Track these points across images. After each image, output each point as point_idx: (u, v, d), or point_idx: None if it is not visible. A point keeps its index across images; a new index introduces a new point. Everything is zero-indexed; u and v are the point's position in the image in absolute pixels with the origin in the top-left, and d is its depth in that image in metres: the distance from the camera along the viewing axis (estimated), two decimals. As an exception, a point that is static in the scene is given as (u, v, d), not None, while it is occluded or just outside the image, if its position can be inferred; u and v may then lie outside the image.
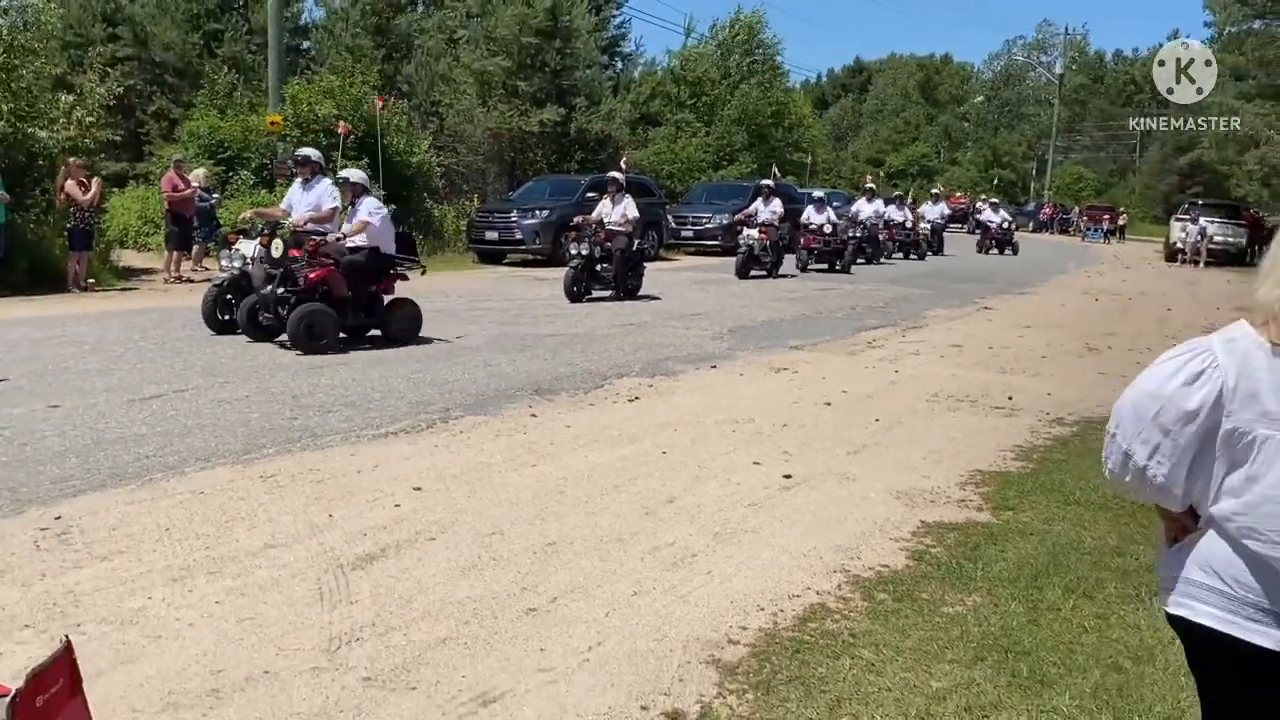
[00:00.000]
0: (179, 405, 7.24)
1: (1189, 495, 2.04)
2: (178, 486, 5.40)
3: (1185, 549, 2.07)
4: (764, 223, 20.45)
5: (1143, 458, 2.03)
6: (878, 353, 11.17)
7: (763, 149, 39.52)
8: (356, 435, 6.69)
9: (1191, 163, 55.83)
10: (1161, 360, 2.07)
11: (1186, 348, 2.05)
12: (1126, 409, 2.08)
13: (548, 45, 30.40)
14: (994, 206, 35.89)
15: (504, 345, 10.58)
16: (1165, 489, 2.03)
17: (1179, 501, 2.05)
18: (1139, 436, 2.04)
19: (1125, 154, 79.02)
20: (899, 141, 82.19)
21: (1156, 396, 2.01)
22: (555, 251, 20.37)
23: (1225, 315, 16.45)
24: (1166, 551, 2.14)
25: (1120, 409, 2.10)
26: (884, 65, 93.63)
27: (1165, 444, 2.00)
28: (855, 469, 6.28)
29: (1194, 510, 2.07)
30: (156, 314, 11.98)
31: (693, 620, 3.97)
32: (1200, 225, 32.54)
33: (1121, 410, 2.09)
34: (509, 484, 5.69)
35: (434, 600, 4.07)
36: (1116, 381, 9.75)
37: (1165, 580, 2.12)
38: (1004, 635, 3.87)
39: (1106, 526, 5.24)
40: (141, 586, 4.09)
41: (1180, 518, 2.09)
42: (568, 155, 30.73)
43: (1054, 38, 79.56)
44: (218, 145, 21.33)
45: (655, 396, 8.36)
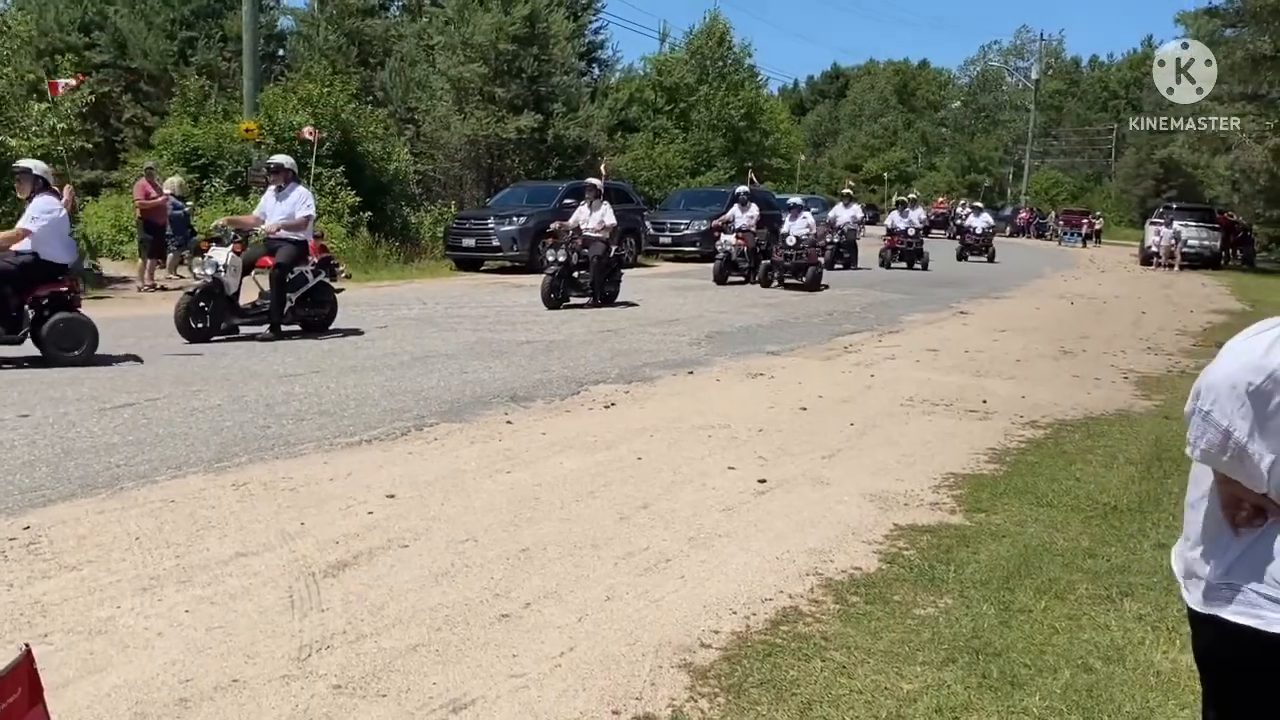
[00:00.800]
0: (150, 414, 7.19)
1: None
2: (148, 495, 5.36)
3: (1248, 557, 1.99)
4: (741, 229, 20.50)
5: (1244, 434, 1.92)
6: (854, 357, 11.21)
7: (740, 154, 39.65)
8: (330, 443, 6.66)
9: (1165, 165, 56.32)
10: (1247, 336, 1.98)
11: (1271, 323, 1.96)
12: (1223, 385, 1.96)
13: (525, 52, 30.38)
14: (976, 210, 34.94)
15: (480, 352, 10.56)
16: (1264, 469, 1.92)
17: (1271, 483, 1.94)
18: (1240, 412, 1.92)
19: (1101, 159, 79.70)
20: (876, 147, 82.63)
21: (1260, 369, 1.91)
22: (533, 258, 20.33)
23: (1199, 318, 16.67)
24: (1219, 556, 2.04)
25: (1214, 384, 1.97)
26: (861, 71, 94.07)
27: (1267, 420, 1.91)
28: (830, 473, 6.30)
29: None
30: (129, 322, 11.88)
31: (665, 624, 3.97)
32: (1174, 229, 32.80)
33: (1216, 386, 1.97)
34: (483, 491, 5.67)
35: (406, 607, 4.05)
36: (1090, 384, 9.85)
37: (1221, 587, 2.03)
38: (975, 637, 3.88)
39: (1078, 528, 5.27)
40: (110, 596, 4.05)
41: (1263, 500, 1.97)
42: (545, 162, 30.72)
43: (1030, 44, 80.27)
44: (192, 153, 21.23)
45: (631, 402, 8.36)
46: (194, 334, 10.39)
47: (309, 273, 11.28)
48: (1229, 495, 2.02)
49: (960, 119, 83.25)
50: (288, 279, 10.93)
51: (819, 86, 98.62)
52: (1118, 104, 79.71)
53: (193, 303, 10.46)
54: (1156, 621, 4.04)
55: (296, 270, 11.08)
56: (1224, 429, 1.95)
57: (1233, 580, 2.02)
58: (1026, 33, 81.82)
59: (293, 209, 11.04)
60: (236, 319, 10.88)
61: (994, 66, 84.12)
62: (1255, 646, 1.98)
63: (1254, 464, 1.94)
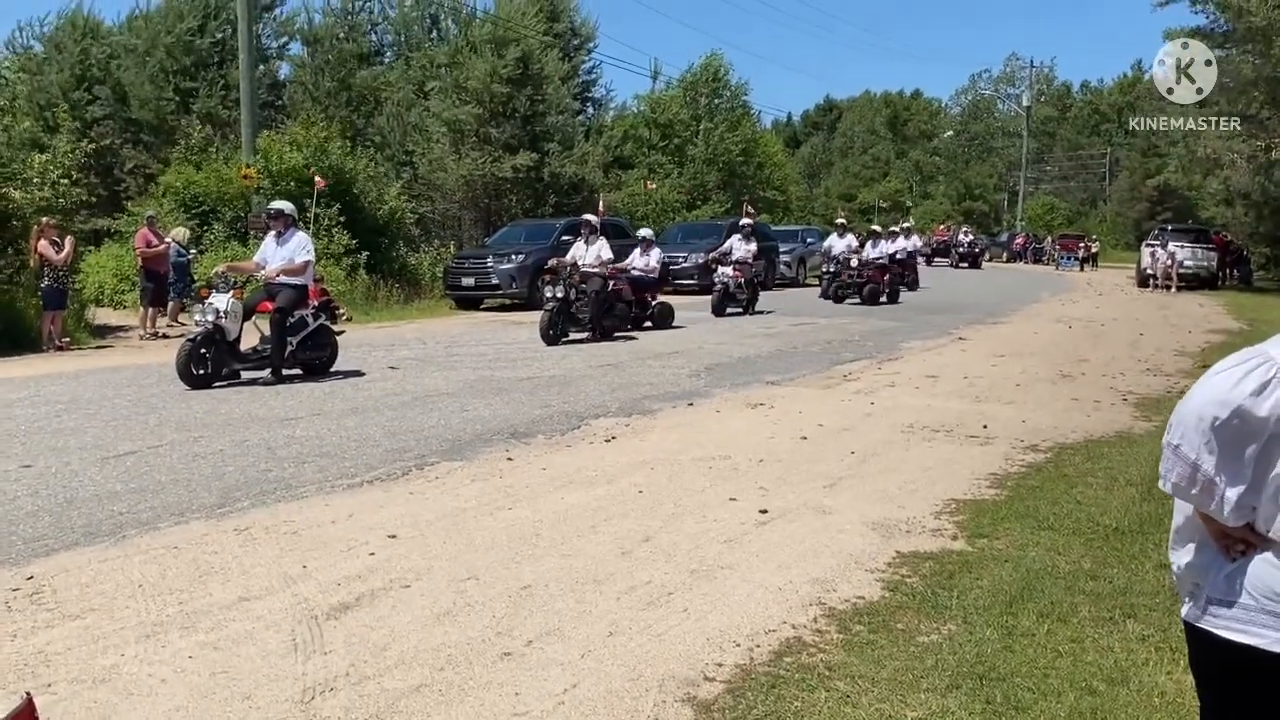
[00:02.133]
0: (153, 461, 7.21)
1: (1250, 510, 1.96)
2: (151, 542, 5.37)
3: (1240, 571, 2.01)
4: (738, 260, 20.59)
5: (1212, 468, 1.95)
6: (853, 386, 11.23)
7: (735, 188, 39.87)
8: (331, 485, 6.67)
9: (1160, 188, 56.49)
10: (1219, 370, 2.00)
11: (1244, 356, 1.98)
12: (1190, 419, 1.98)
13: (519, 93, 30.65)
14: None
15: (480, 390, 10.58)
16: (1233, 502, 1.96)
17: (1242, 517, 1.97)
18: (1206, 446, 1.95)
19: (1095, 183, 79.94)
20: (870, 177, 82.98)
21: (1225, 404, 1.93)
22: (532, 295, 20.42)
23: (1197, 339, 16.68)
24: (1213, 572, 2.06)
25: (1183, 419, 2.00)
26: (854, 103, 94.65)
27: (1234, 455, 1.93)
28: (831, 502, 6.30)
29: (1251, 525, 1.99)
30: (131, 371, 11.93)
31: (668, 659, 3.97)
32: (1170, 250, 32.89)
33: (1185, 420, 2.00)
34: (484, 528, 5.68)
35: (408, 648, 4.05)
36: (1089, 407, 9.86)
37: (1215, 602, 2.04)
38: (979, 662, 3.88)
39: (1080, 551, 5.27)
40: (114, 644, 4.06)
41: (1243, 533, 2.00)
42: (542, 200, 30.91)
43: (1021, 71, 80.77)
44: (193, 199, 21.37)
45: (632, 436, 8.37)
46: (196, 380, 10.42)
47: (309, 316, 11.33)
48: (1215, 529, 2.05)
49: (953, 148, 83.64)
50: (288, 323, 10.98)
51: (813, 119, 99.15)
52: (1109, 128, 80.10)
53: (194, 349, 10.49)
54: (1160, 642, 4.03)
55: (297, 314, 11.13)
56: (1191, 462, 1.98)
57: (1227, 596, 2.04)
58: (1016, 60, 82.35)
59: (292, 254, 11.11)
60: (238, 364, 10.92)
61: (985, 95, 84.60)
62: (1250, 662, 2.00)
63: (1222, 498, 1.96)
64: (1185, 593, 2.15)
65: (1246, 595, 2.01)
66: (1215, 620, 2.06)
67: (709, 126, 40.66)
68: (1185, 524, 2.15)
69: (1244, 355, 2.02)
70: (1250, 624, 2.00)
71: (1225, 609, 2.04)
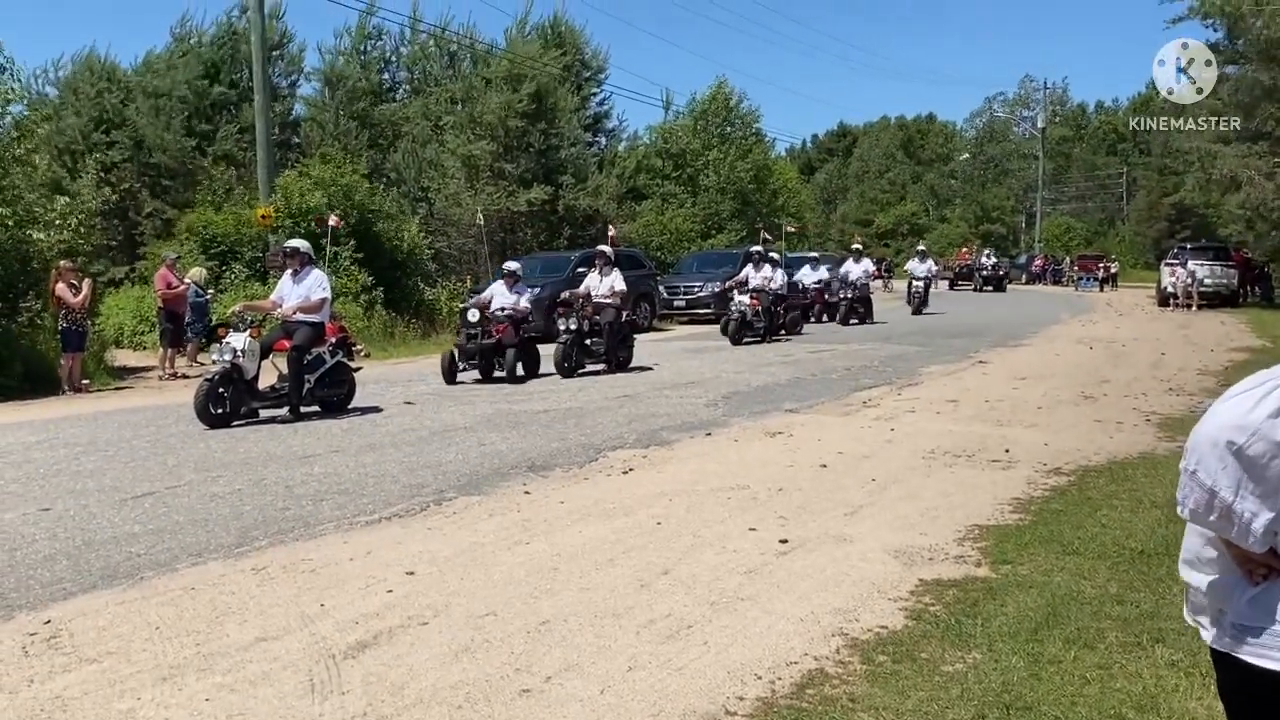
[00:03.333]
0: (171, 502, 7.21)
1: (1273, 535, 1.92)
2: (169, 584, 5.35)
3: (1267, 596, 1.96)
4: (755, 289, 20.58)
5: (1230, 495, 1.91)
6: (873, 412, 11.16)
7: (749, 216, 39.92)
8: (349, 522, 6.65)
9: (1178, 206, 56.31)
10: (1235, 394, 1.96)
11: (1261, 379, 1.94)
12: (1206, 444, 1.94)
13: (533, 127, 30.86)
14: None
15: (497, 423, 10.57)
16: (1253, 529, 1.91)
17: (1264, 543, 1.92)
18: (1224, 471, 1.91)
19: (1113, 202, 79.68)
20: (886, 201, 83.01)
21: (1242, 428, 1.89)
22: (548, 328, 20.43)
23: (1220, 357, 16.54)
24: (1237, 596, 2.01)
25: (1198, 444, 1.96)
26: (870, 128, 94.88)
27: (1253, 480, 1.89)
28: (852, 530, 6.24)
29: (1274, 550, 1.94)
30: (150, 412, 11.98)
31: (689, 693, 3.91)
32: (1190, 268, 32.70)
33: (1200, 445, 1.96)
34: (502, 563, 5.64)
35: (426, 686, 4.01)
36: (1112, 429, 9.76)
37: (1241, 628, 1.99)
38: (1005, 691, 3.81)
39: (1106, 575, 5.19)
40: (130, 688, 4.03)
41: (1266, 558, 1.95)
42: (556, 232, 31.05)
43: (1035, 93, 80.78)
44: (211, 240, 21.54)
45: (649, 467, 8.33)
46: (214, 420, 10.44)
47: (326, 353, 11.37)
48: (1238, 554, 2.00)
49: (969, 170, 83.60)
50: (305, 360, 11.01)
51: (826, 145, 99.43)
52: (1125, 148, 79.95)
53: (212, 389, 10.52)
54: (1189, 668, 3.95)
55: (314, 352, 11.17)
56: (1208, 488, 1.93)
57: (1253, 622, 1.99)
58: (1030, 82, 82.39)
59: (308, 292, 11.15)
60: (256, 403, 10.95)
61: (1000, 117, 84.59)
62: (1275, 688, 1.94)
63: (1243, 524, 1.92)
64: (1208, 618, 2.09)
65: (1275, 621, 1.96)
66: (1243, 646, 2.01)
67: (719, 156, 40.78)
68: (1204, 546, 2.10)
69: (1260, 378, 1.98)
70: (1276, 649, 1.95)
71: (1253, 636, 1.99)
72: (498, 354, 14.37)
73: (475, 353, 14.26)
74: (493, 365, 14.38)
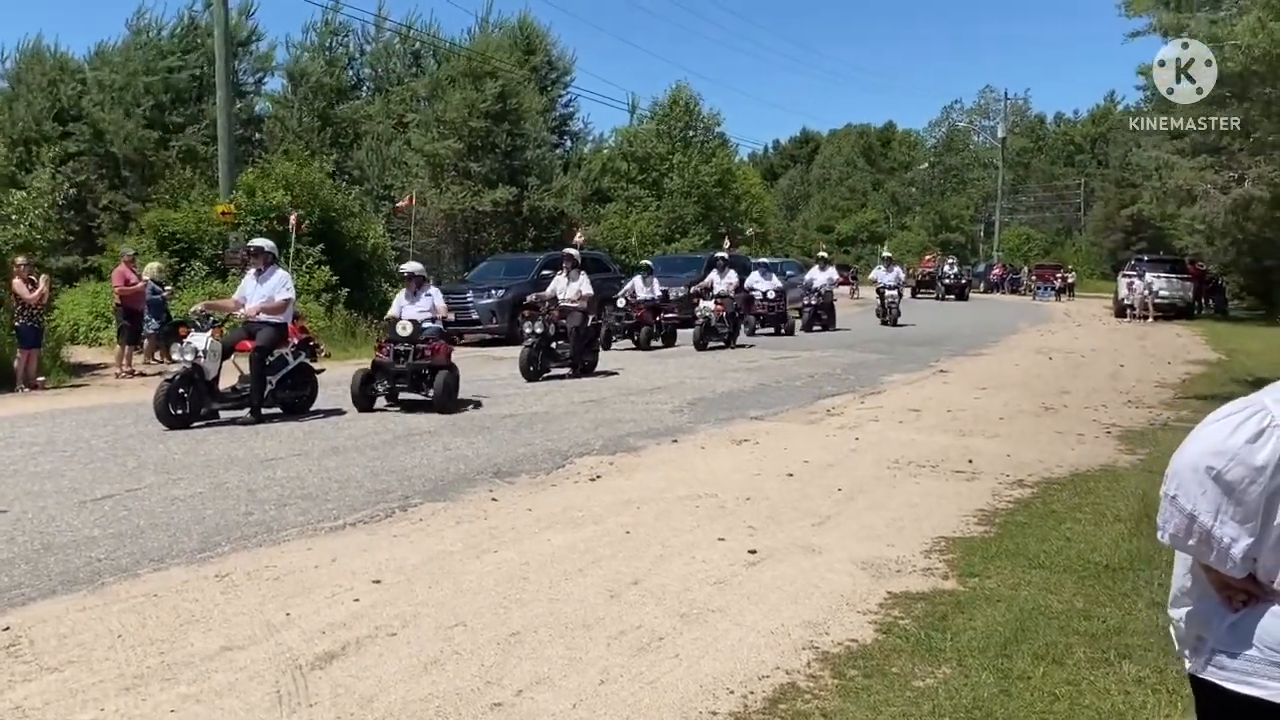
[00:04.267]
0: (131, 505, 7.09)
1: (1251, 560, 1.94)
2: (130, 590, 5.27)
3: (1245, 622, 1.98)
4: (720, 294, 20.63)
5: (1209, 520, 1.93)
6: (837, 420, 11.21)
7: (713, 220, 40.04)
8: (313, 528, 6.58)
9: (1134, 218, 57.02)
10: (1214, 420, 1.99)
11: (1238, 406, 1.97)
12: (1186, 470, 1.97)
13: (497, 127, 30.75)
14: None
15: (462, 428, 10.50)
16: (1231, 554, 1.93)
17: (1243, 568, 1.95)
18: (1204, 496, 1.93)
19: (1070, 213, 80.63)
20: (847, 209, 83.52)
21: (1221, 453, 1.92)
22: (512, 330, 20.38)
23: (1177, 369, 16.76)
24: (1216, 623, 2.03)
25: (1179, 470, 1.99)
26: (833, 136, 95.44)
27: (1232, 505, 1.92)
28: (820, 541, 6.25)
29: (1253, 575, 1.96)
30: (107, 410, 11.79)
31: (661, 707, 3.90)
32: (1147, 280, 33.15)
33: (1181, 471, 1.98)
34: (470, 573, 5.60)
35: (395, 699, 3.97)
36: (1073, 440, 9.87)
37: (1220, 654, 2.02)
38: (976, 707, 3.83)
39: (1072, 589, 5.24)
40: (93, 698, 3.95)
41: (1245, 584, 1.98)
42: (521, 234, 30.94)
43: (995, 103, 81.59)
44: (171, 237, 21.24)
45: (617, 474, 8.31)
46: (174, 420, 10.28)
47: (289, 355, 11.25)
48: (1217, 579, 2.02)
49: (929, 179, 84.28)
50: (267, 362, 10.89)
51: (789, 151, 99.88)
52: (1083, 159, 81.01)
53: (172, 389, 10.37)
54: (1157, 684, 3.99)
55: (276, 353, 11.04)
56: (1188, 513, 1.96)
57: (1232, 648, 2.01)
58: (990, 92, 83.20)
59: (272, 292, 11.03)
60: (217, 404, 10.80)
61: (960, 127, 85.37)
62: (1256, 714, 1.97)
63: (1222, 549, 1.94)
64: (1187, 646, 2.12)
65: (1253, 647, 1.98)
66: (1220, 672, 2.03)
67: (683, 160, 40.86)
68: (1183, 576, 2.12)
69: (1238, 405, 2.00)
70: (1255, 675, 1.98)
71: (1230, 660, 2.01)
72: (427, 376, 11.83)
73: (405, 374, 11.83)
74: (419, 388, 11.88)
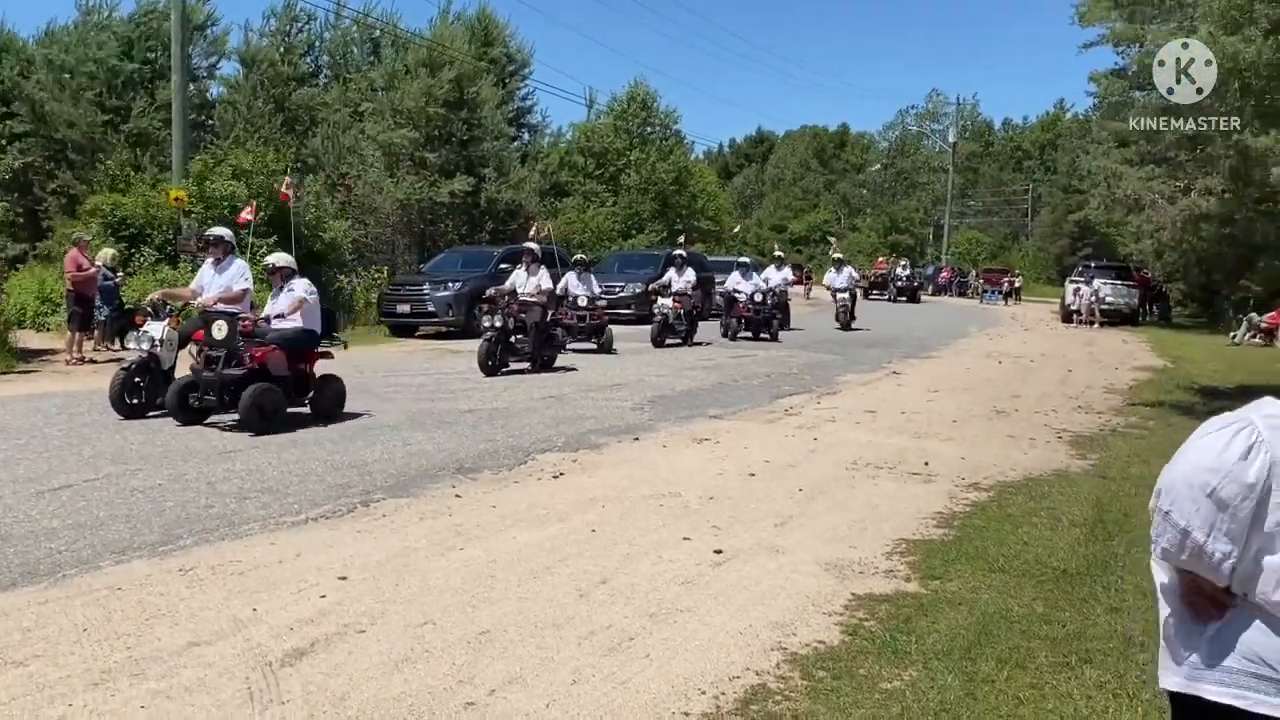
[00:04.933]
0: (90, 495, 7.00)
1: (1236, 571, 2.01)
2: (93, 583, 5.21)
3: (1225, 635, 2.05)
4: (677, 292, 20.70)
5: (1202, 535, 1.99)
6: (795, 420, 11.31)
7: (669, 217, 40.14)
8: (275, 522, 6.53)
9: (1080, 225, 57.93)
10: (1203, 435, 2.05)
11: (1226, 421, 2.03)
12: (1180, 485, 2.03)
13: (455, 116, 30.59)
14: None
15: (422, 422, 10.46)
16: (1222, 569, 2.00)
17: (1229, 579, 2.02)
18: (1197, 513, 1.99)
19: (1018, 218, 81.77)
20: (800, 209, 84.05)
21: (1215, 470, 1.98)
22: (468, 323, 20.29)
23: (1124, 375, 17.05)
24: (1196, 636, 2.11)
25: (1172, 485, 2.04)
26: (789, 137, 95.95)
27: (1224, 520, 1.98)
28: (784, 541, 6.33)
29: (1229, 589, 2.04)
30: (60, 398, 11.59)
31: (634, 708, 3.94)
32: (1094, 286, 33.70)
33: (1174, 487, 2.04)
34: (437, 570, 5.60)
35: (368, 697, 3.97)
36: (1026, 445, 10.04)
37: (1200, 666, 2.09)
38: (943, 710, 3.91)
39: (1032, 594, 5.35)
40: (61, 693, 3.91)
41: (1217, 593, 2.05)
42: (479, 226, 30.79)
43: (945, 107, 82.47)
44: (120, 222, 20.89)
45: (580, 472, 8.33)
46: (129, 410, 10.13)
47: (244, 345, 11.10)
48: (1189, 583, 2.09)
49: (880, 182, 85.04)
50: None
51: (744, 150, 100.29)
52: (1031, 165, 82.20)
53: (128, 378, 10.22)
54: (1117, 689, 4.10)
55: None
56: (1181, 529, 2.03)
57: (1210, 660, 2.08)
58: (939, 96, 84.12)
59: (230, 282, 10.90)
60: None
61: (912, 131, 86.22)
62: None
63: (1213, 563, 2.01)
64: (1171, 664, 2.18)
65: (1231, 659, 2.05)
66: (1198, 685, 2.10)
67: (641, 157, 40.92)
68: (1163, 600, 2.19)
69: (1226, 420, 2.07)
70: (1233, 686, 2.05)
71: (1208, 671, 2.08)
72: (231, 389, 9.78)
73: (213, 385, 9.80)
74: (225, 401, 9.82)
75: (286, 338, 10.37)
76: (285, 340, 10.33)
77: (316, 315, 10.86)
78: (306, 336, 10.63)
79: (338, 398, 10.80)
